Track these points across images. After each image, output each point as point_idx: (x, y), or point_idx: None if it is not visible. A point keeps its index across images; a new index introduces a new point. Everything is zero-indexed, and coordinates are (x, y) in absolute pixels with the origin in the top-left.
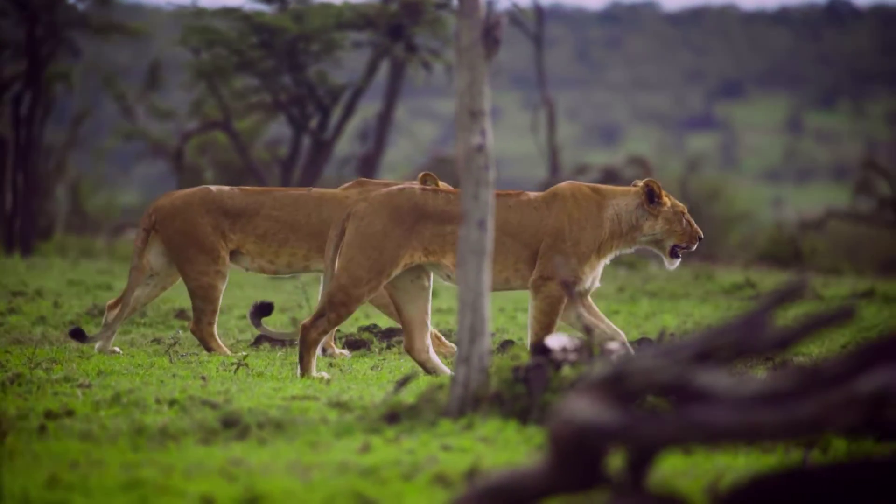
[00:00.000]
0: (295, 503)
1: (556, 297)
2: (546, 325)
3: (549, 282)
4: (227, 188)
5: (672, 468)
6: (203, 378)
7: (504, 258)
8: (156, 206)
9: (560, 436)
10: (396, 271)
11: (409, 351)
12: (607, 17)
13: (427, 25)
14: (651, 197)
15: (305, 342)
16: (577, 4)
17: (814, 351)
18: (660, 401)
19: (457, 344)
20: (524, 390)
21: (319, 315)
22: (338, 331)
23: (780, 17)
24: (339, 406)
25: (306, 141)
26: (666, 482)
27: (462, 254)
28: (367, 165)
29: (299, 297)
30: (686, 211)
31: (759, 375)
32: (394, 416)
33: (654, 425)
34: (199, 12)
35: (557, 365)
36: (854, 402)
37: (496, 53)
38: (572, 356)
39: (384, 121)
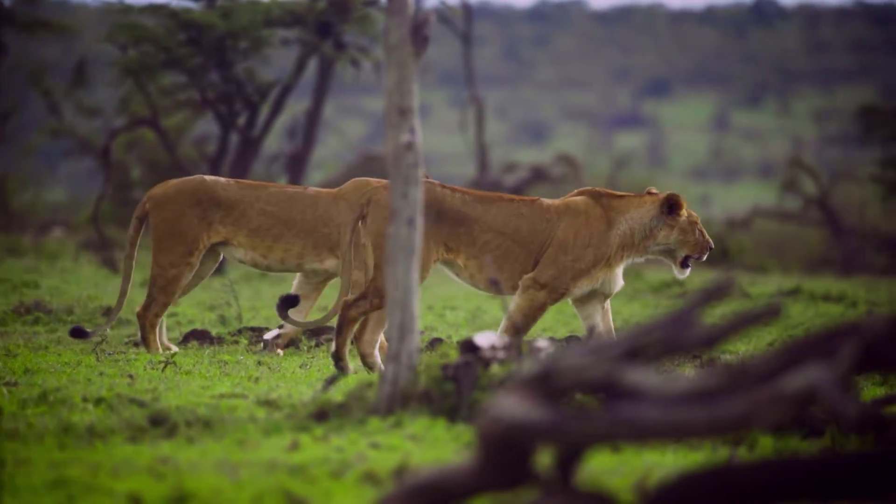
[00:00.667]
0: (223, 501)
1: (540, 303)
2: (522, 325)
3: (538, 286)
4: (223, 179)
5: (600, 466)
6: (131, 376)
7: (511, 265)
8: (150, 195)
9: (489, 434)
10: (428, 265)
11: (357, 340)
12: (535, 15)
13: (356, 23)
14: (672, 209)
15: (345, 317)
16: (506, 3)
17: (741, 349)
18: (588, 399)
19: (386, 342)
20: (453, 388)
21: (363, 297)
22: (266, 328)
23: (707, 16)
24: (268, 404)
25: (234, 138)
26: (594, 480)
27: (391, 252)
28: (296, 163)
29: (227, 294)
30: (699, 221)
31: (686, 373)
32: (322, 414)
33: (583, 423)
34: (126, 9)
35: (486, 363)
36: (780, 400)
37: (425, 51)
38: (501, 354)
39: (313, 118)
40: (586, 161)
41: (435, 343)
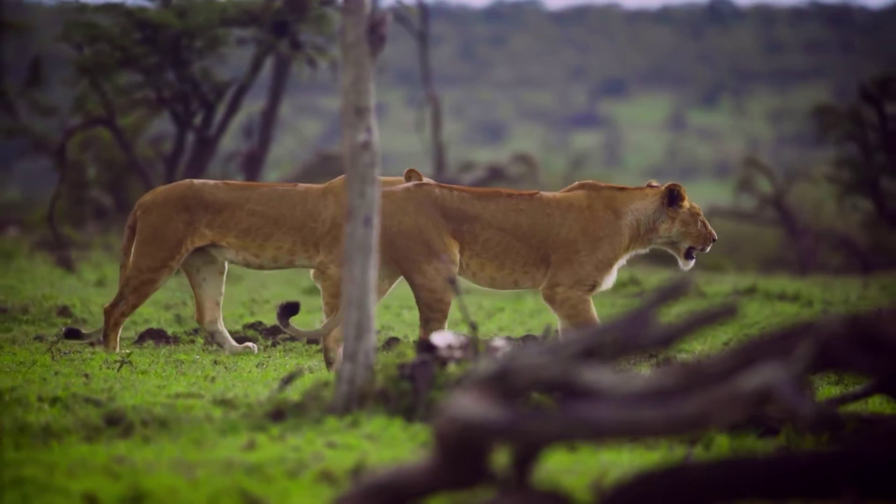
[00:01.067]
0: (179, 501)
1: (576, 298)
2: (580, 322)
3: (556, 288)
4: (211, 182)
5: (557, 465)
6: (86, 376)
7: (513, 261)
8: (140, 202)
9: (445, 433)
10: (456, 259)
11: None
12: (491, 15)
13: (312, 22)
14: (673, 200)
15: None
16: (462, 2)
17: (697, 348)
18: (545, 398)
19: (343, 341)
20: (410, 387)
21: (425, 323)
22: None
23: (663, 15)
24: (224, 404)
25: (190, 137)
26: (551, 479)
27: (348, 251)
28: (252, 162)
29: (183, 293)
30: (701, 212)
31: (643, 373)
32: (279, 413)
33: (539, 422)
34: (82, 8)
35: (443, 362)
36: (737, 399)
37: (381, 50)
38: (458, 353)
39: (269, 117)
40: (543, 160)
41: (392, 342)
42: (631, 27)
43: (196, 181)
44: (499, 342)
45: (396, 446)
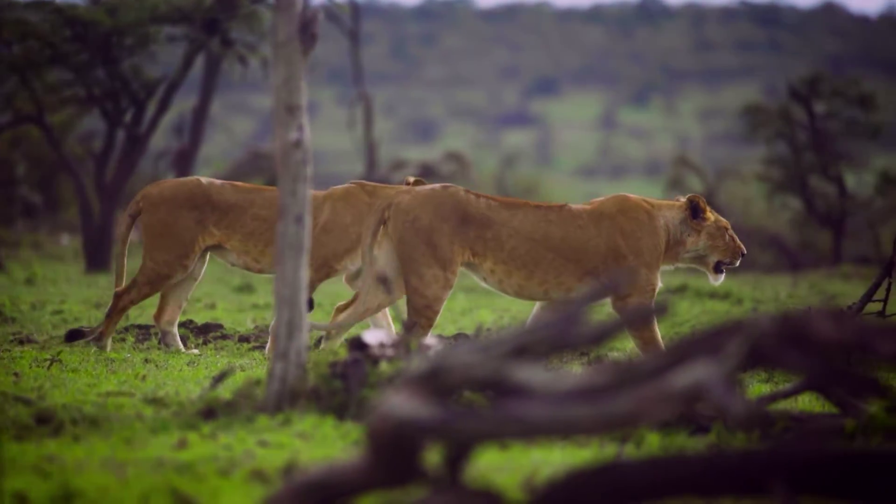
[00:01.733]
0: (110, 500)
1: (642, 311)
2: (649, 338)
3: (627, 300)
4: (217, 182)
5: (489, 463)
6: (16, 374)
7: (545, 272)
8: (144, 194)
9: (377, 431)
10: (457, 267)
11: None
12: (422, 13)
13: (243, 20)
14: (695, 212)
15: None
16: (393, 1)
17: (628, 346)
18: (477, 396)
19: (275, 340)
20: (342, 386)
21: (411, 324)
22: (153, 326)
23: (593, 14)
24: (155, 402)
25: (120, 135)
26: (483, 477)
27: (279, 250)
28: (183, 160)
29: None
30: (729, 227)
31: (574, 371)
32: (210, 411)
33: (471, 420)
34: (11, 4)
35: (375, 360)
36: (668, 397)
37: (313, 49)
38: (390, 352)
39: (200, 115)
40: (475, 159)
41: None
42: (562, 26)
43: (203, 179)
44: (431, 341)
45: (328, 445)
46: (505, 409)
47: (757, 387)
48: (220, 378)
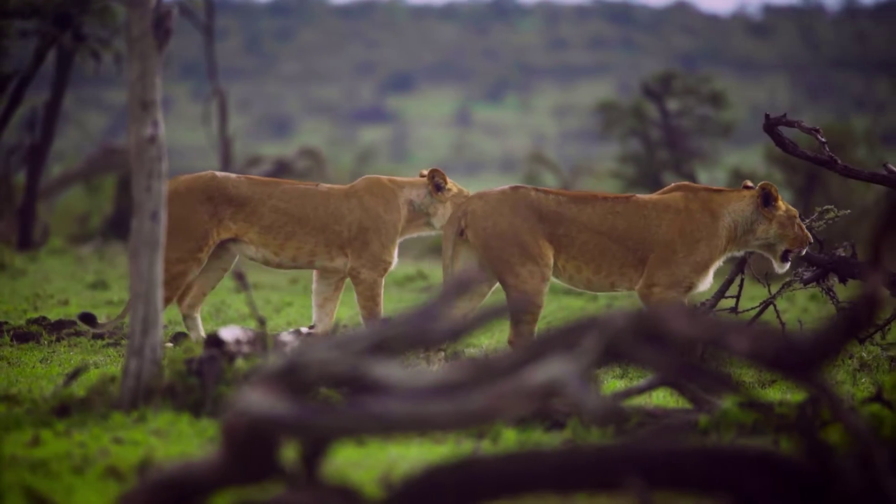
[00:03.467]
0: None
1: (671, 299)
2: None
3: (653, 288)
4: (233, 175)
5: (346, 459)
6: None
7: (610, 263)
8: None
9: (233, 428)
10: (549, 260)
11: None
12: (277, 9)
13: (96, 15)
14: (767, 200)
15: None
16: None
17: (485, 342)
18: (334, 392)
19: (129, 336)
20: (197, 382)
21: (515, 324)
22: (6, 322)
23: (448, 11)
24: (8, 399)
25: None
26: (340, 473)
27: (134, 245)
28: (35, 155)
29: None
30: (798, 215)
31: (431, 367)
32: (64, 409)
33: (328, 417)
34: None
35: (231, 357)
36: (524, 393)
37: (167, 44)
38: (246, 348)
39: (52, 110)
40: (330, 155)
41: (179, 337)
42: (417, 22)
43: (218, 173)
44: (287, 337)
45: (184, 441)
46: (362, 406)
47: (612, 382)
48: (73, 375)
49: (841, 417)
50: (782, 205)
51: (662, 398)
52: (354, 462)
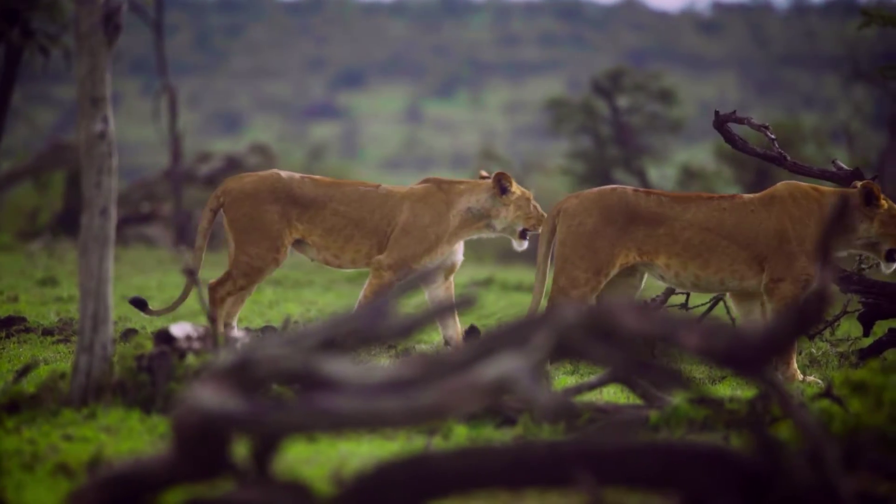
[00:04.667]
0: None
1: (791, 297)
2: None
3: (780, 283)
4: (297, 175)
5: (297, 456)
6: None
7: (720, 260)
8: (225, 189)
9: (184, 424)
10: (614, 270)
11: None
12: (226, 5)
13: (44, 10)
14: (869, 199)
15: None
16: None
17: (436, 339)
18: (285, 389)
19: (78, 332)
20: (148, 379)
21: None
22: None
23: (398, 7)
24: None
25: None
26: (291, 470)
27: (83, 242)
28: None
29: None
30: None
31: (382, 363)
32: (14, 405)
33: (279, 413)
34: None
35: (181, 353)
36: (475, 389)
37: (117, 40)
38: (196, 345)
39: (0, 106)
40: (281, 151)
41: (129, 334)
42: (367, 18)
43: (283, 172)
44: (238, 333)
45: (134, 438)
46: (313, 402)
47: (562, 378)
48: (23, 372)
49: (791, 414)
50: (885, 203)
51: (613, 394)
52: (305, 459)
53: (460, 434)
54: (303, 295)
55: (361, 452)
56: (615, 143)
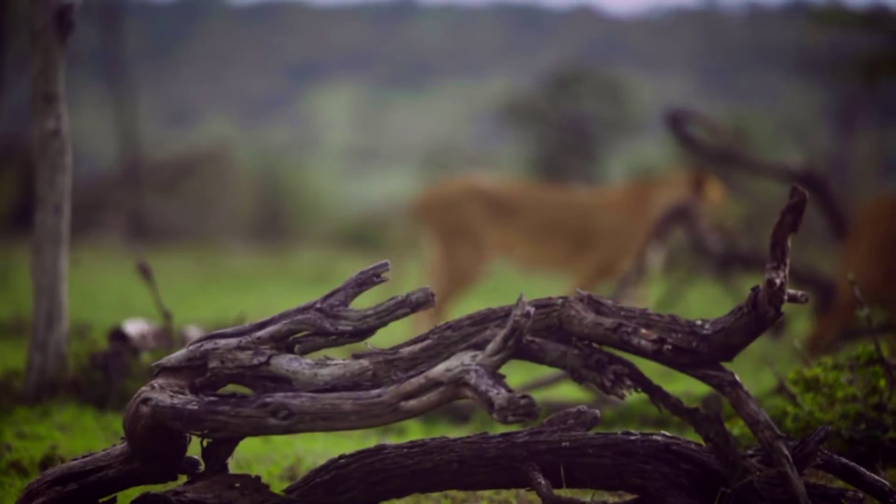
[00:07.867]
0: None
1: None
2: None
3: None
4: (492, 179)
5: (251, 453)
6: None
7: None
8: (424, 198)
9: (136, 422)
10: None
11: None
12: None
13: None
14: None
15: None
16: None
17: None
18: (240, 386)
19: (32, 330)
20: (102, 377)
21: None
22: None
23: (353, 10)
24: None
25: None
26: (245, 466)
27: (37, 240)
28: None
29: None
30: None
31: (338, 361)
32: None
33: (232, 411)
34: None
35: (136, 351)
36: (429, 386)
37: (70, 37)
38: (151, 342)
39: None
40: (236, 145)
41: (84, 331)
42: (321, 16)
43: (477, 177)
44: (193, 331)
45: (88, 436)
46: (265, 400)
47: (517, 375)
48: None
49: (744, 410)
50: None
51: (568, 391)
52: (260, 456)
53: (415, 431)
54: (262, 289)
55: (316, 449)
56: (569, 143)
